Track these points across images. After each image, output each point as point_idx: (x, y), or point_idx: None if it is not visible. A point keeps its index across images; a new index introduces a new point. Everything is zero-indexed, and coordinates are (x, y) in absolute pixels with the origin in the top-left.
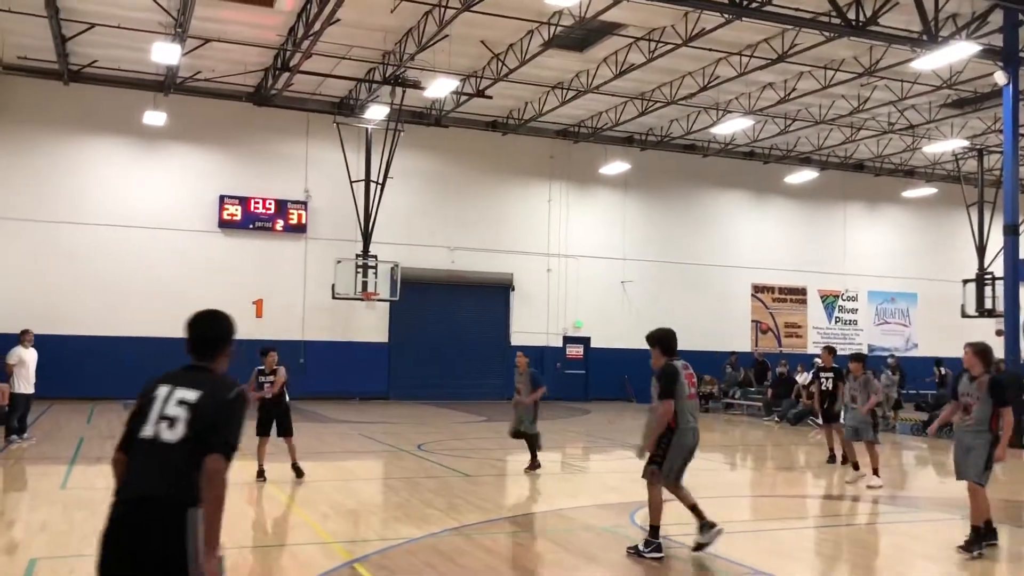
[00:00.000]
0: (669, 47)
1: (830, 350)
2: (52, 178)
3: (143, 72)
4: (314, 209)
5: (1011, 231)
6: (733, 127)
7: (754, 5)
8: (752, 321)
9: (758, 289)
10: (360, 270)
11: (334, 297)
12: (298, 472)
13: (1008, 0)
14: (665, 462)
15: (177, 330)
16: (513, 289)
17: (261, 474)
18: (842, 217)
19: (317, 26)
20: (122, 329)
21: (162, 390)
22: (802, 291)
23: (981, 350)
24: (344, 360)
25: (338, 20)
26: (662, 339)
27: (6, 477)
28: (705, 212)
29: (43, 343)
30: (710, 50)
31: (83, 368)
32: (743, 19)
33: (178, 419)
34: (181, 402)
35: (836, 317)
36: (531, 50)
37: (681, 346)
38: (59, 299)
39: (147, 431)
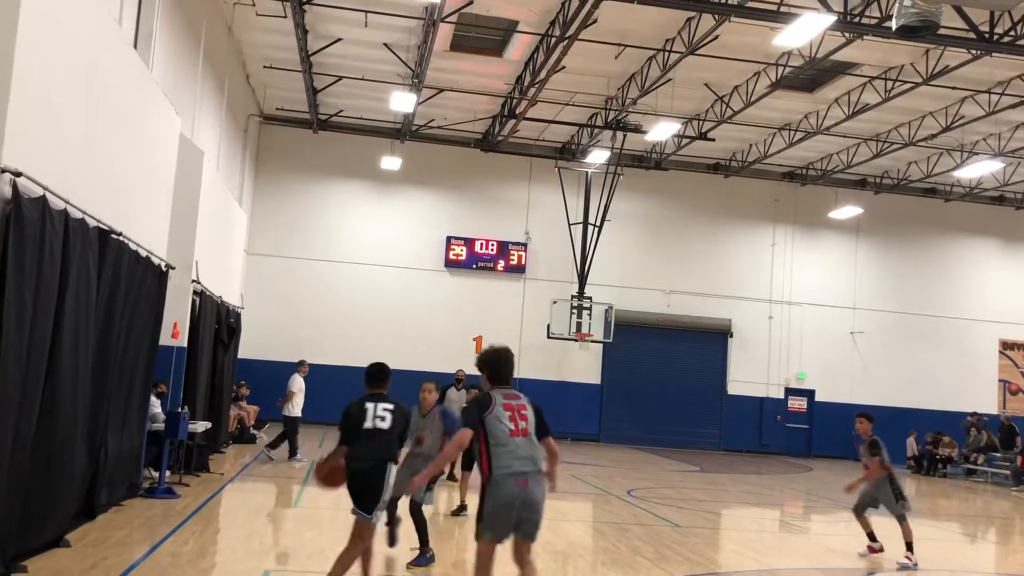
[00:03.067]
0: (908, 86)
1: None
2: (302, 219)
3: (382, 120)
4: (533, 251)
5: None
6: (980, 170)
7: (1006, 40)
8: (999, 380)
9: (1007, 346)
10: (575, 311)
11: (549, 336)
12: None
13: None
14: (482, 520)
15: (402, 362)
16: (732, 335)
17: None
18: None
19: (543, 74)
20: (357, 359)
21: (369, 405)
22: None
23: None
24: (556, 399)
25: (563, 68)
26: (489, 363)
27: (247, 493)
28: (946, 260)
29: (289, 370)
30: (954, 88)
31: (322, 395)
32: (992, 55)
33: (386, 418)
34: (385, 409)
35: None
36: (757, 91)
37: (916, 403)
38: (306, 330)
39: (367, 424)
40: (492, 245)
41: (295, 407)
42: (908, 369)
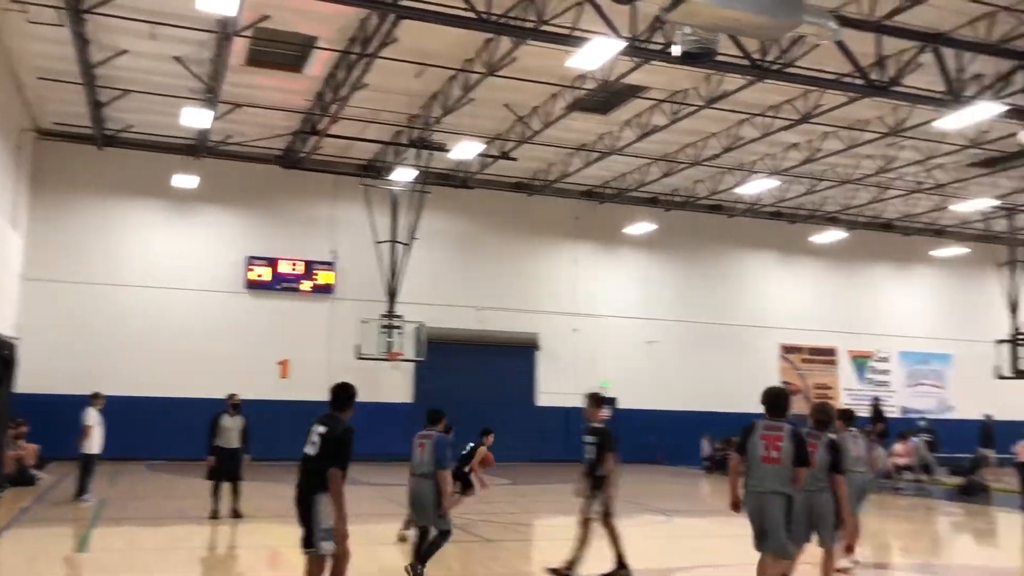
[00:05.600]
0: (692, 109)
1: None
2: (87, 241)
3: (176, 136)
4: (341, 270)
5: None
6: (758, 187)
7: (776, 67)
8: (782, 382)
9: (787, 350)
10: (385, 330)
11: (359, 357)
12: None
13: None
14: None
15: (204, 391)
16: (539, 349)
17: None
18: (871, 277)
19: (344, 91)
20: (150, 390)
21: (313, 428)
22: (832, 352)
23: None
24: (370, 421)
25: (365, 85)
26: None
27: (26, 540)
28: (732, 272)
29: (77, 404)
30: (733, 111)
31: (112, 429)
32: (765, 81)
33: (316, 443)
34: (318, 434)
35: (868, 378)
36: (555, 113)
37: (709, 407)
38: (98, 359)
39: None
40: (297, 265)
41: (92, 443)
42: (700, 374)
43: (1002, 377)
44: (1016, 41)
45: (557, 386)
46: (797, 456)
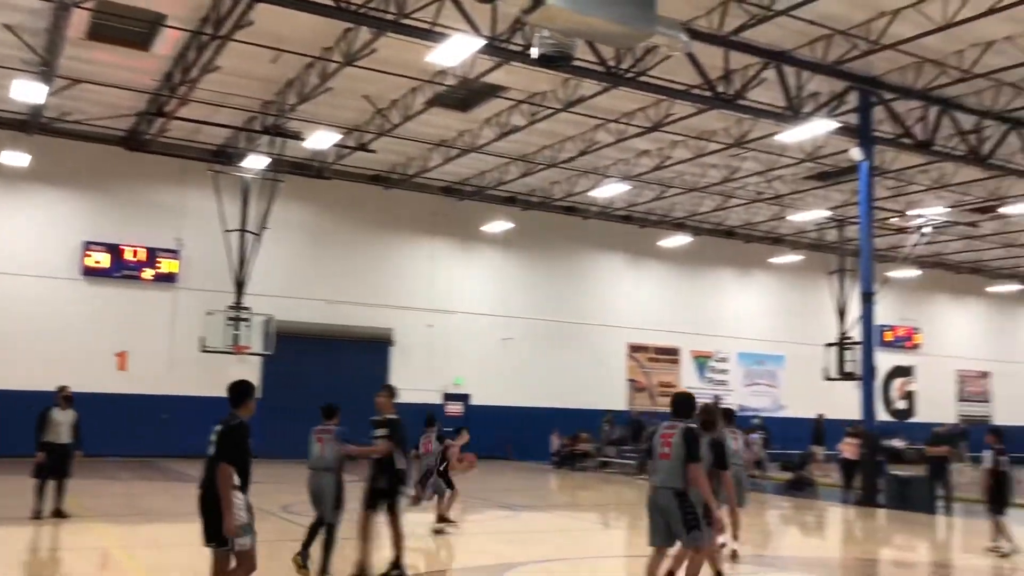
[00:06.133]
0: (549, 111)
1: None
2: None
3: (5, 111)
4: (186, 259)
5: (867, 298)
6: (611, 191)
7: (629, 75)
8: (628, 380)
9: (634, 349)
10: (232, 322)
11: (203, 350)
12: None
13: (862, 83)
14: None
15: (33, 382)
16: (393, 344)
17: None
18: (714, 281)
19: (195, 72)
20: None
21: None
22: (676, 351)
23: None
24: (212, 417)
25: (217, 68)
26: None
27: None
28: (585, 273)
29: None
30: (589, 116)
31: None
32: (619, 88)
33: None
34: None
35: (708, 377)
36: (415, 107)
37: (560, 403)
38: None
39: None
40: (139, 252)
41: None
42: (551, 371)
43: (829, 378)
44: (850, 63)
45: (411, 382)
46: (688, 453)
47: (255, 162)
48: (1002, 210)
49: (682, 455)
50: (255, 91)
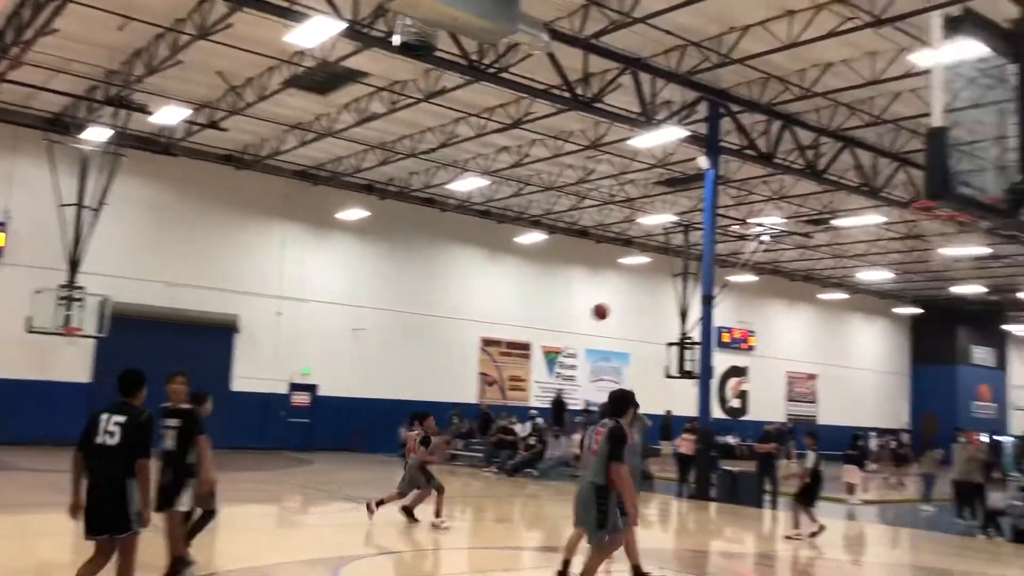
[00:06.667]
0: (411, 101)
1: None
2: None
3: None
4: (14, 233)
5: (707, 301)
6: (470, 185)
7: (491, 71)
8: (480, 374)
9: (487, 343)
10: (63, 302)
11: (30, 331)
12: None
13: (712, 94)
14: None
15: None
16: (238, 331)
17: None
18: (566, 279)
19: (29, 34)
20: None
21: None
22: (527, 346)
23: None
24: (39, 401)
25: (55, 31)
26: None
27: None
28: (440, 265)
29: None
30: (450, 108)
31: None
32: (481, 83)
33: (115, 433)
34: (116, 423)
35: (557, 372)
36: (271, 87)
37: (410, 395)
38: None
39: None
40: None
41: None
42: (403, 363)
43: (670, 376)
44: (701, 74)
45: (256, 371)
46: (610, 451)
47: (96, 134)
48: (833, 223)
49: (606, 452)
50: (99, 59)
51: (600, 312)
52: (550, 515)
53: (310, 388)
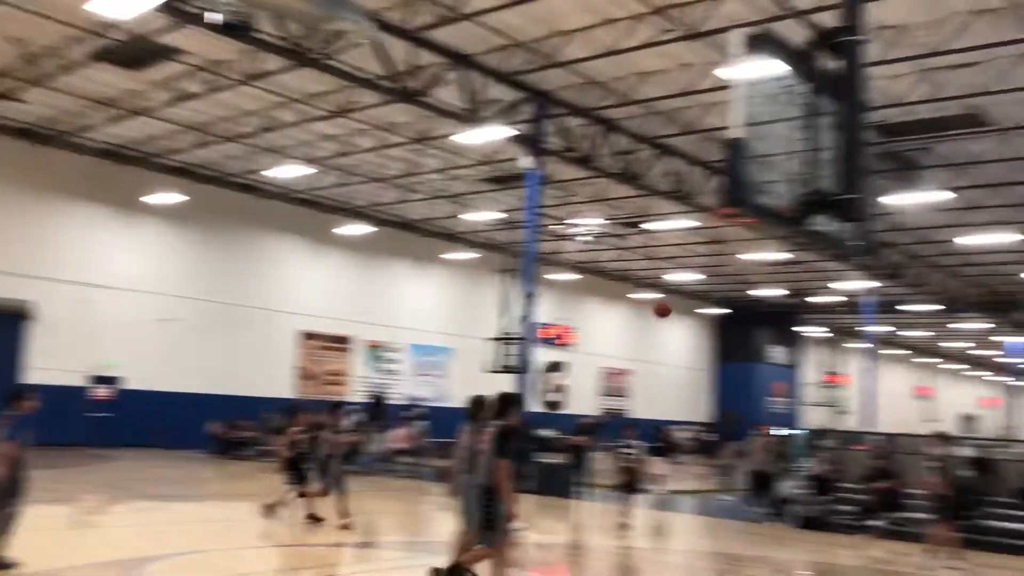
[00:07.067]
0: (230, 82)
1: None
2: None
3: None
4: None
5: (528, 296)
6: (292, 173)
7: (316, 56)
8: (298, 367)
9: (307, 336)
10: None
11: None
12: None
13: (536, 95)
14: None
15: None
16: (33, 319)
17: None
18: (391, 273)
19: None
20: None
21: None
22: (348, 340)
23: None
24: None
25: None
26: None
27: None
28: (259, 255)
29: None
30: (272, 92)
31: None
32: (305, 68)
33: None
34: None
35: (379, 367)
36: (75, 59)
37: (223, 389)
38: None
39: None
40: None
41: None
42: (216, 356)
43: (490, 371)
44: (527, 75)
45: (55, 362)
46: (496, 450)
47: None
48: (646, 226)
49: (491, 452)
50: None
51: (662, 310)
52: (366, 511)
53: (113, 380)
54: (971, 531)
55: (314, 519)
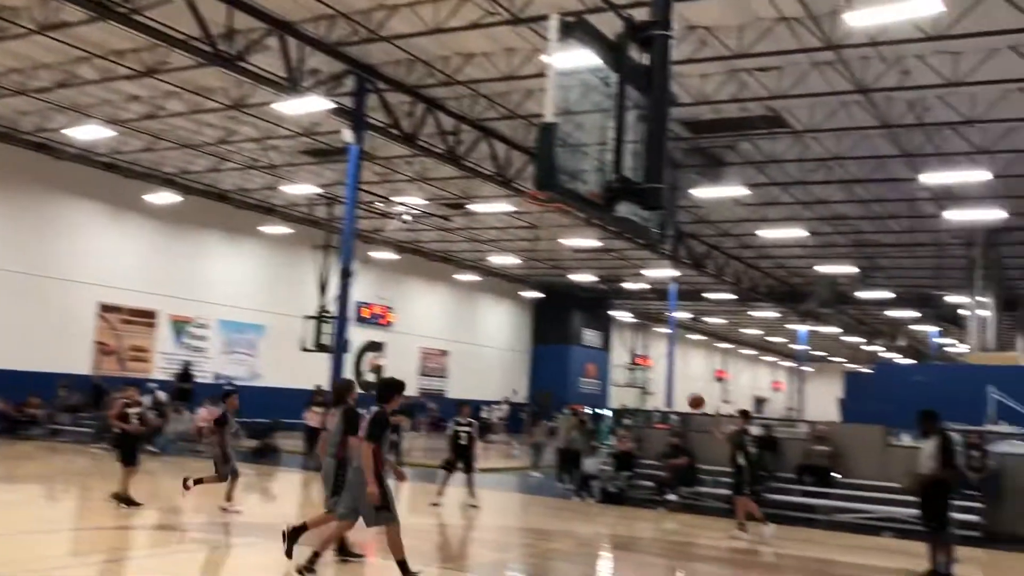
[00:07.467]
0: (22, 31)
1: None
2: None
3: None
4: None
5: (346, 275)
6: (92, 134)
7: (121, 10)
8: (96, 342)
9: (106, 309)
10: None
11: None
12: None
13: (360, 68)
14: None
15: None
16: None
17: None
18: (201, 245)
19: None
20: None
21: None
22: (153, 315)
23: None
24: None
25: None
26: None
27: None
28: (54, 221)
29: None
30: (71, 46)
31: None
32: (109, 21)
33: None
34: None
35: (185, 343)
36: None
37: (7, 364)
38: None
39: None
40: None
41: None
42: (6, 329)
43: (306, 349)
44: (350, 47)
45: None
46: (368, 434)
47: None
48: (469, 207)
49: (364, 435)
50: None
51: (695, 402)
52: (167, 493)
53: None
54: (759, 504)
55: (125, 500)
